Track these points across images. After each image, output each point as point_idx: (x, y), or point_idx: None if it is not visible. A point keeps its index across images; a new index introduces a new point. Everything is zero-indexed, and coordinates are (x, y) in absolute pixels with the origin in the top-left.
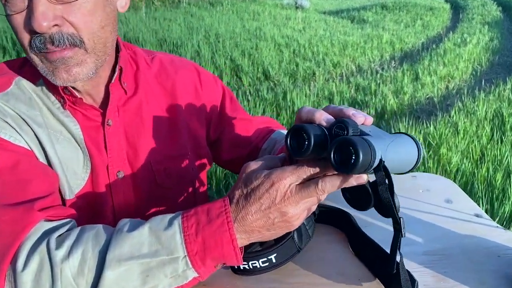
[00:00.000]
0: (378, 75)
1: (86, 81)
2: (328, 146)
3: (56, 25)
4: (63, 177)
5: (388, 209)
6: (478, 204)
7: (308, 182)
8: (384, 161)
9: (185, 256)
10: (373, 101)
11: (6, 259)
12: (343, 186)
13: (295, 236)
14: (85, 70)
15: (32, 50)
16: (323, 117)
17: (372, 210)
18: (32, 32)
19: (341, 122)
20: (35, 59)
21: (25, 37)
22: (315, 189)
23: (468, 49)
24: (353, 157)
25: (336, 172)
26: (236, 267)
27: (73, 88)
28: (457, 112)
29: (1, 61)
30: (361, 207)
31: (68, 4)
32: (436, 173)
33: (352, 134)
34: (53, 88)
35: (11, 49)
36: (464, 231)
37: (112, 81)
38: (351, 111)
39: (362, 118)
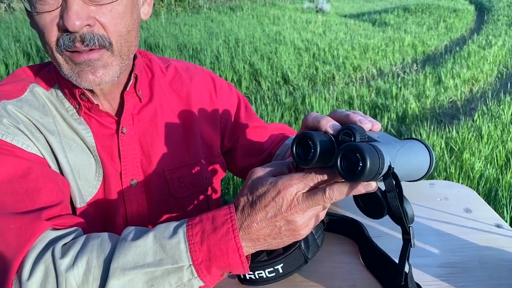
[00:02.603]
0: (400, 78)
1: (106, 86)
2: (335, 153)
3: (87, 25)
4: (74, 185)
5: (398, 218)
6: (502, 212)
7: (315, 190)
8: (393, 168)
9: (190, 265)
10: (394, 105)
11: (13, 269)
12: (351, 194)
13: (303, 245)
14: (110, 73)
15: (58, 49)
16: (329, 124)
17: (386, 218)
18: (62, 31)
19: (348, 129)
20: (60, 59)
21: (53, 36)
22: (323, 197)
23: (493, 51)
24: (360, 164)
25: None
26: (242, 277)
27: (91, 91)
28: (481, 116)
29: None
30: (374, 215)
31: (100, 5)
32: (459, 180)
33: (360, 140)
34: (70, 94)
35: (35, 56)
36: (483, 242)
37: (127, 89)
38: (357, 117)
39: (369, 125)
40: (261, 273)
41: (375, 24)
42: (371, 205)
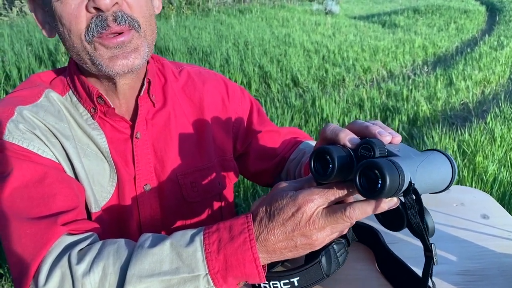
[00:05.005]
0: (410, 80)
1: (128, 78)
2: (354, 168)
3: (116, 3)
4: (89, 190)
5: (419, 234)
6: None
7: (335, 207)
8: (414, 184)
9: (207, 274)
10: (405, 107)
11: (29, 274)
12: (375, 213)
13: (323, 261)
14: (141, 55)
15: (88, 37)
16: (347, 138)
17: None
18: (94, 10)
19: (367, 143)
20: (88, 47)
21: (81, 22)
22: (342, 215)
23: (505, 52)
24: (380, 182)
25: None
26: (256, 285)
27: (109, 93)
28: (493, 118)
29: (37, 71)
30: (394, 227)
31: None
32: (472, 183)
33: (379, 155)
34: (87, 97)
35: (47, 60)
36: (502, 249)
37: (141, 94)
38: (377, 129)
39: (389, 138)
40: (276, 283)
41: (384, 26)
42: (391, 217)
